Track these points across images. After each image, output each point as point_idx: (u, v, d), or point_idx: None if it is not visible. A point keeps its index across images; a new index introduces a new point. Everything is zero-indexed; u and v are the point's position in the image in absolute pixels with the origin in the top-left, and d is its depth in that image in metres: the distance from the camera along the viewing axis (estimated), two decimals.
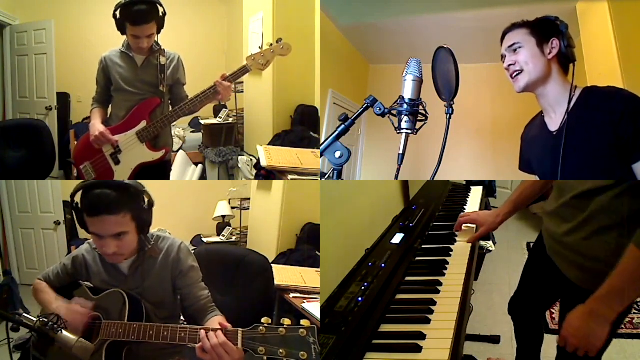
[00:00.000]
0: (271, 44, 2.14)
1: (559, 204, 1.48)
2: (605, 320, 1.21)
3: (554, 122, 1.48)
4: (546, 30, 1.44)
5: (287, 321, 1.18)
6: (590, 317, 1.22)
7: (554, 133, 1.47)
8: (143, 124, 2.12)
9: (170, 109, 2.18)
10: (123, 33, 2.08)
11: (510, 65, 1.47)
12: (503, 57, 1.51)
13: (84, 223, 1.45)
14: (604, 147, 1.35)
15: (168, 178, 2.39)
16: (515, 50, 1.46)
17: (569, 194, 1.42)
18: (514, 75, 1.47)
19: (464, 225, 1.96)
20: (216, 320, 1.50)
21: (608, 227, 1.30)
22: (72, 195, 1.46)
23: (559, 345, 1.32)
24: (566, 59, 1.45)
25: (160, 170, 2.25)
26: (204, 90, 2.10)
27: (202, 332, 1.25)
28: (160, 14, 2.06)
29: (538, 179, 1.65)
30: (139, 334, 1.34)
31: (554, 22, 1.44)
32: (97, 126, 2.13)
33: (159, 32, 2.11)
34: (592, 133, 1.38)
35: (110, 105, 2.24)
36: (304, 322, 1.17)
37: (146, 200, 1.49)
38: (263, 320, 1.20)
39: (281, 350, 1.15)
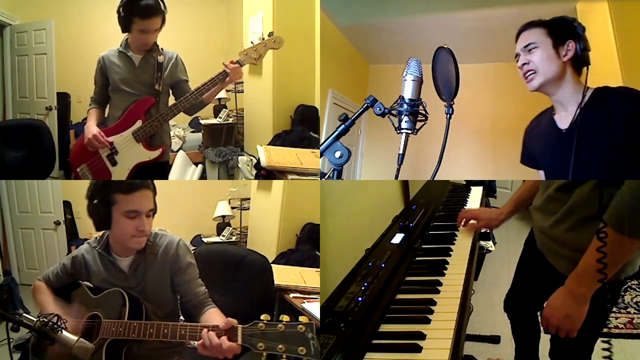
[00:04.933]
0: (263, 38, 2.16)
1: (544, 198, 1.50)
2: (582, 298, 1.25)
3: (564, 120, 1.47)
4: (563, 31, 1.43)
5: (285, 317, 1.20)
6: (568, 296, 1.27)
7: (564, 131, 1.46)
8: (138, 123, 2.12)
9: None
10: (125, 31, 2.08)
11: (524, 64, 1.46)
12: (517, 55, 1.49)
13: (107, 206, 1.46)
14: (616, 146, 1.35)
15: (166, 179, 2.39)
16: (530, 50, 1.45)
17: (552, 186, 1.44)
18: (527, 75, 1.46)
19: (469, 221, 1.96)
20: (213, 312, 1.53)
21: (590, 217, 1.30)
22: None
23: (550, 338, 1.33)
24: (581, 62, 1.44)
25: (158, 171, 2.24)
26: (211, 77, 2.11)
27: (204, 330, 1.26)
28: (163, 9, 2.06)
29: (540, 175, 1.64)
30: (139, 332, 1.34)
31: (572, 24, 1.43)
32: (91, 128, 2.12)
33: (160, 29, 2.11)
34: (604, 132, 1.37)
35: (107, 106, 2.23)
36: (302, 318, 1.19)
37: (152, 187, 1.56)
38: (262, 316, 1.22)
39: (280, 346, 1.16)
